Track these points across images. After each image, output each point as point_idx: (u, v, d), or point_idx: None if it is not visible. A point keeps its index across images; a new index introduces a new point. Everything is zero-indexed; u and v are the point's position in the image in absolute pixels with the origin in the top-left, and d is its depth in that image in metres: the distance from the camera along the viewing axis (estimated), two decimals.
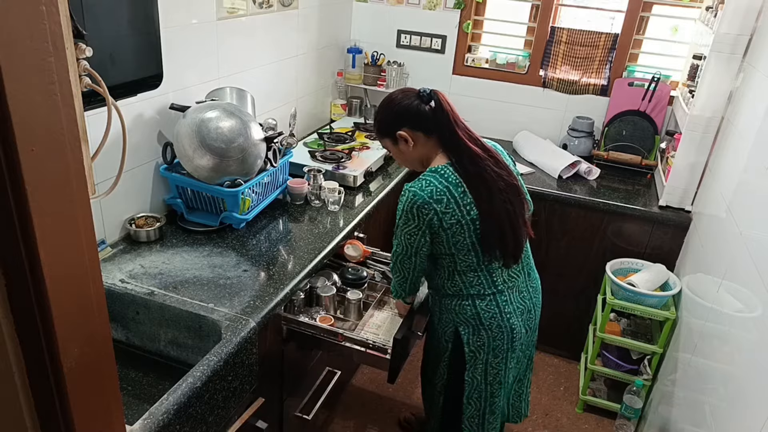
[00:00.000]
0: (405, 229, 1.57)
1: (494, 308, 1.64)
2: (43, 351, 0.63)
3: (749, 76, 2.01)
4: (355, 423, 2.38)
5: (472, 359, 1.70)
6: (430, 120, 1.59)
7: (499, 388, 1.75)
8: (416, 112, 1.59)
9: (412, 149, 1.63)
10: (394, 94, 1.65)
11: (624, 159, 2.73)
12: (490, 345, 1.67)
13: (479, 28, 3.07)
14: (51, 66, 0.56)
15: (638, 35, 2.78)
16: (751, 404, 1.33)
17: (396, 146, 1.65)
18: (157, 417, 1.14)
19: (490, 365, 1.70)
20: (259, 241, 1.87)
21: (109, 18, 1.50)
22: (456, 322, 1.68)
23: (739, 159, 1.89)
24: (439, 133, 1.60)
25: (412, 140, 1.61)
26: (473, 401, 1.76)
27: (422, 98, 1.60)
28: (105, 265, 1.63)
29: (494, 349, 1.68)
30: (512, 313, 1.66)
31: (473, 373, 1.72)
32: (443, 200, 1.52)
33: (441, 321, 1.74)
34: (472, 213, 1.54)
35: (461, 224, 1.54)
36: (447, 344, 1.74)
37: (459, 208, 1.53)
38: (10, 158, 0.54)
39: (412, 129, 1.60)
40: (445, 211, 1.52)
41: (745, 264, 1.60)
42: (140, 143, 1.81)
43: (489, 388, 1.74)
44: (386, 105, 1.65)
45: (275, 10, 2.37)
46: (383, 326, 1.81)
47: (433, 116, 1.59)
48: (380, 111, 1.67)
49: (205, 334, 1.49)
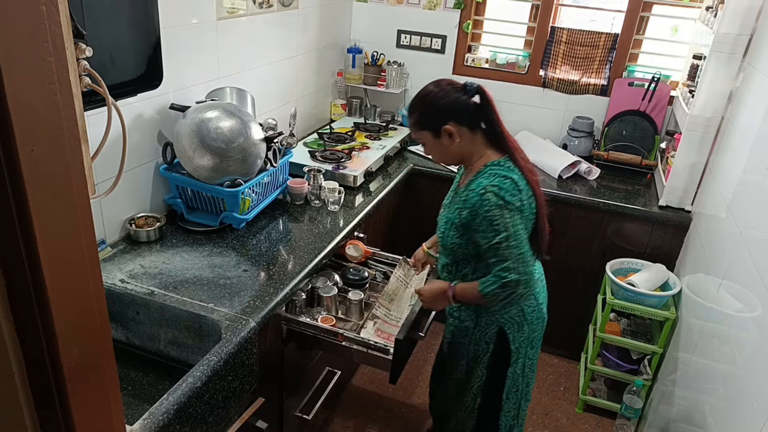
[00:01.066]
0: (506, 219, 1.51)
1: (533, 300, 1.68)
2: (43, 351, 0.63)
3: (749, 76, 2.01)
4: (355, 423, 2.38)
5: (516, 355, 1.72)
6: (475, 115, 1.57)
7: (533, 376, 1.79)
8: (464, 107, 1.56)
9: (456, 144, 1.58)
10: (438, 87, 1.58)
11: (624, 159, 2.73)
12: (529, 338, 1.71)
13: (479, 28, 3.07)
14: (51, 66, 0.56)
15: (638, 35, 2.78)
16: (751, 404, 1.33)
17: (437, 140, 1.59)
18: (157, 417, 1.14)
19: (528, 357, 1.74)
20: (259, 241, 1.87)
21: (109, 18, 1.50)
22: (500, 322, 1.68)
23: (739, 159, 1.89)
24: (485, 130, 1.59)
25: (457, 135, 1.57)
26: (512, 395, 1.78)
27: (468, 92, 1.57)
28: (105, 265, 1.63)
29: (532, 341, 1.72)
30: (543, 302, 1.72)
31: (515, 368, 1.74)
32: (522, 191, 1.53)
33: (479, 325, 1.70)
34: (533, 205, 1.57)
35: (529, 217, 1.56)
36: (488, 346, 1.72)
37: (528, 200, 1.55)
38: (10, 158, 0.54)
39: (459, 124, 1.56)
40: (523, 201, 1.53)
41: (745, 264, 1.60)
42: (140, 143, 1.81)
43: (525, 380, 1.77)
44: (430, 97, 1.57)
45: (275, 10, 2.37)
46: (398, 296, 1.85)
47: (477, 112, 1.57)
48: (422, 103, 1.59)
49: (205, 334, 1.49)
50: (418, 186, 2.72)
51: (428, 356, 2.79)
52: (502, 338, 1.69)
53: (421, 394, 2.55)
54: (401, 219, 2.76)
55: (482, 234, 1.53)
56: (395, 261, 2.06)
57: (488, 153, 1.60)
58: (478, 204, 1.52)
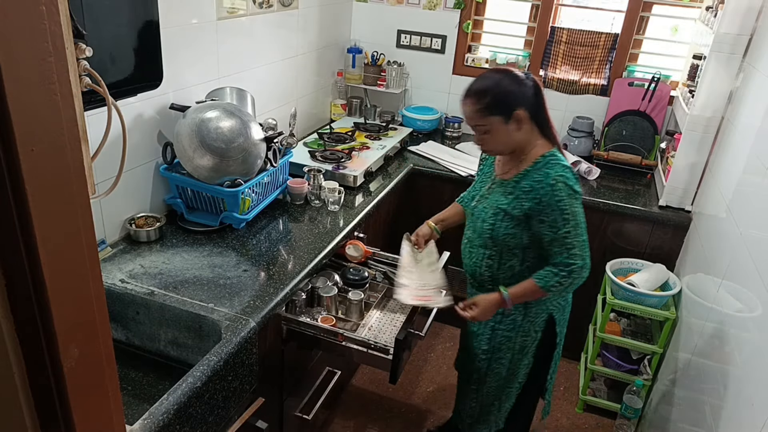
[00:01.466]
0: (575, 208, 1.55)
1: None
2: (43, 351, 0.63)
3: (749, 76, 2.01)
4: (355, 423, 2.38)
5: (560, 336, 1.79)
6: (534, 104, 1.58)
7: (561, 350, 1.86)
8: (529, 95, 1.57)
9: (519, 132, 1.58)
10: (503, 74, 1.57)
11: (624, 159, 2.73)
12: (567, 318, 1.81)
13: (479, 28, 3.07)
14: (51, 66, 0.56)
15: (638, 35, 2.78)
16: (751, 404, 1.33)
17: (504, 126, 1.56)
18: (157, 417, 1.14)
19: (563, 335, 1.81)
20: (259, 241, 1.87)
21: (109, 18, 1.50)
22: (549, 309, 1.73)
23: (739, 159, 1.89)
24: (538, 120, 1.60)
25: (525, 122, 1.57)
26: (553, 374, 1.86)
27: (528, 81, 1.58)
28: (105, 265, 1.63)
29: (567, 320, 1.81)
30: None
31: (558, 349, 1.81)
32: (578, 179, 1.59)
33: (527, 316, 1.72)
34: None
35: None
36: (536, 334, 1.75)
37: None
38: (10, 158, 0.54)
39: (527, 111, 1.56)
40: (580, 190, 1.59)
41: (745, 264, 1.60)
42: (140, 143, 1.81)
43: (559, 356, 1.86)
44: (503, 83, 1.55)
45: (275, 10, 2.37)
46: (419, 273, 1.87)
47: (535, 101, 1.58)
48: (494, 89, 1.54)
49: (205, 334, 1.49)
50: (418, 186, 2.72)
51: (428, 356, 2.79)
52: (551, 324, 1.74)
53: (421, 394, 2.55)
54: (401, 219, 2.76)
55: (549, 224, 1.55)
56: (395, 261, 2.06)
57: (540, 143, 1.61)
58: (548, 194, 1.53)
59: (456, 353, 2.11)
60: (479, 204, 1.71)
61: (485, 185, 1.74)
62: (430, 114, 3.08)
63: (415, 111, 3.09)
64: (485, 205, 1.68)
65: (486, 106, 1.55)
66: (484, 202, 1.69)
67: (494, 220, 1.64)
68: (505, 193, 1.63)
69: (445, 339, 2.92)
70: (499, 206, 1.63)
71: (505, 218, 1.62)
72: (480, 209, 1.70)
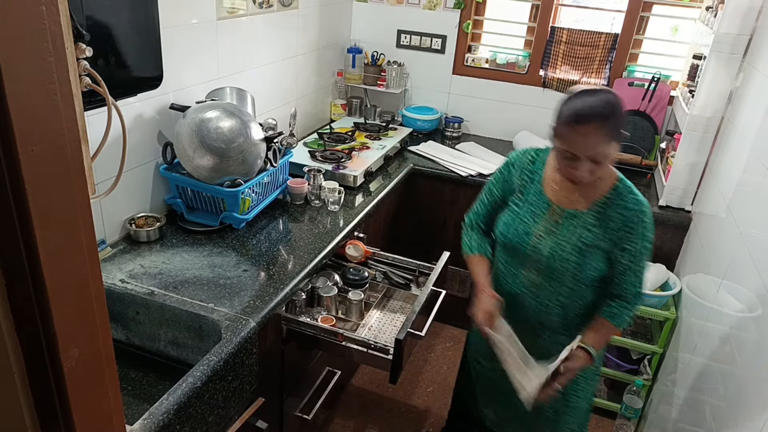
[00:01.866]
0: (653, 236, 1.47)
1: None
2: (43, 351, 0.63)
3: (749, 76, 2.01)
4: (355, 423, 2.38)
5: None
6: None
7: None
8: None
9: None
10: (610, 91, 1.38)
11: (624, 159, 2.73)
12: None
13: (479, 28, 3.07)
14: (51, 66, 0.56)
15: (638, 35, 2.78)
16: (751, 404, 1.33)
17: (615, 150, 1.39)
18: (157, 417, 1.14)
19: None
20: (259, 241, 1.87)
21: (109, 18, 1.50)
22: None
23: (739, 159, 1.89)
24: None
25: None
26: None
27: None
28: (105, 265, 1.63)
29: None
30: None
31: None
32: None
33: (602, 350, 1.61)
34: None
35: None
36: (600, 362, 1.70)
37: None
38: (10, 158, 0.54)
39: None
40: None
41: (745, 264, 1.60)
42: (140, 143, 1.81)
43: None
44: (615, 97, 1.36)
45: (275, 10, 2.37)
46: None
47: None
48: (617, 104, 1.34)
49: (205, 334, 1.49)
50: (418, 186, 2.72)
51: (428, 356, 2.79)
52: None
53: (421, 394, 2.56)
54: (401, 219, 2.76)
55: (632, 253, 1.45)
56: (395, 261, 2.06)
57: (611, 168, 1.49)
58: (639, 223, 1.43)
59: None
60: (543, 241, 1.50)
61: (539, 217, 1.52)
62: (430, 114, 3.08)
63: (415, 111, 3.09)
64: (558, 242, 1.49)
65: (611, 130, 1.33)
66: (553, 238, 1.49)
67: (579, 258, 1.47)
68: (587, 226, 1.47)
69: (445, 339, 2.92)
70: (584, 242, 1.47)
71: (594, 254, 1.46)
72: (549, 246, 1.50)
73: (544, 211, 1.52)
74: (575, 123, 1.34)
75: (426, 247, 2.76)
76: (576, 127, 1.34)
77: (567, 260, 1.48)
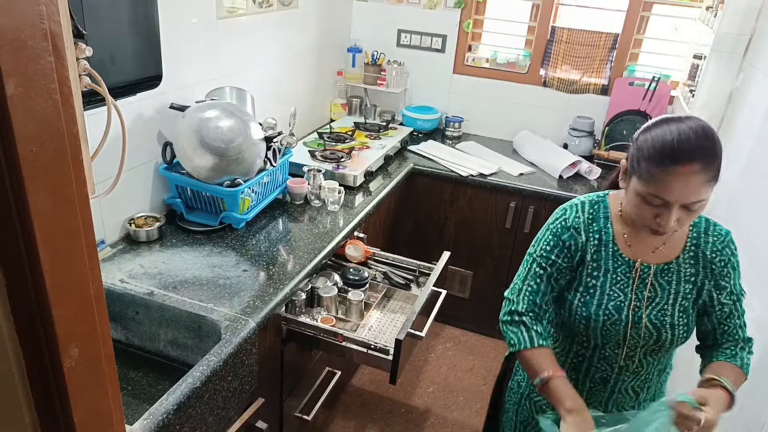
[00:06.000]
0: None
1: None
2: (43, 351, 0.63)
3: (749, 75, 2.01)
4: (355, 423, 2.38)
5: None
6: None
7: None
8: None
9: None
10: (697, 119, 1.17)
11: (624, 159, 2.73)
12: None
13: (480, 28, 3.06)
14: (51, 66, 0.56)
15: (639, 35, 2.78)
16: (752, 404, 1.33)
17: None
18: (157, 417, 1.14)
19: None
20: (259, 241, 1.86)
21: (109, 18, 1.50)
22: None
23: (739, 159, 1.89)
24: None
25: None
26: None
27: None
28: (105, 265, 1.63)
29: None
30: None
31: None
32: None
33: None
34: None
35: None
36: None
37: None
38: (10, 158, 0.54)
39: None
40: None
41: (745, 264, 1.60)
42: (140, 143, 1.81)
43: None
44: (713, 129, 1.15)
45: (275, 10, 2.37)
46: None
47: None
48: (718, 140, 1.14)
49: (205, 334, 1.49)
50: (418, 186, 2.72)
51: (428, 356, 2.79)
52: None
53: (421, 395, 2.55)
54: (401, 219, 2.76)
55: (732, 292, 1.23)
56: (395, 261, 2.06)
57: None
58: (733, 256, 1.23)
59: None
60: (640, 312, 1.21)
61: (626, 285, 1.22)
62: (430, 113, 3.08)
63: (416, 110, 3.09)
64: (660, 308, 1.22)
65: (716, 173, 1.11)
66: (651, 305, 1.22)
67: (687, 319, 1.22)
68: (684, 277, 1.22)
69: (445, 339, 2.92)
70: (688, 297, 1.22)
71: (693, 308, 1.23)
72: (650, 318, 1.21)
73: (629, 275, 1.22)
74: (672, 162, 1.07)
75: (426, 247, 2.77)
76: (673, 168, 1.06)
77: (675, 326, 1.21)
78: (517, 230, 2.63)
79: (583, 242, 1.24)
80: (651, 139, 1.13)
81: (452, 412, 2.47)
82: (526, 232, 2.59)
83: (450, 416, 2.45)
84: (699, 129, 1.10)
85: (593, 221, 1.25)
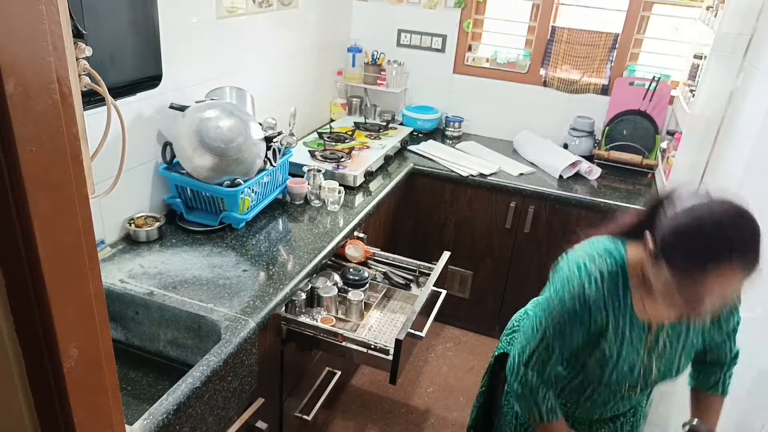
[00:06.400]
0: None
1: None
2: (43, 351, 0.63)
3: (750, 75, 2.01)
4: (355, 423, 2.38)
5: None
6: None
7: None
8: None
9: None
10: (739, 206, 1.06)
11: (625, 159, 2.73)
12: None
13: (480, 28, 3.06)
14: (51, 66, 0.56)
15: (639, 35, 2.78)
16: (751, 404, 1.33)
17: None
18: (157, 417, 1.14)
19: None
20: (259, 241, 1.86)
21: (109, 18, 1.50)
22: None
23: (739, 159, 1.89)
24: None
25: None
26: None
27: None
28: (104, 265, 1.63)
29: None
30: None
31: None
32: None
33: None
34: None
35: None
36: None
37: None
38: (10, 158, 0.54)
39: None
40: None
41: None
42: (140, 143, 1.81)
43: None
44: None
45: (275, 10, 2.37)
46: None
47: None
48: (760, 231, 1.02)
49: (205, 334, 1.49)
50: (418, 186, 2.72)
51: (428, 356, 2.79)
52: None
53: (421, 395, 2.55)
54: (401, 219, 2.76)
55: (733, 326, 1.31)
56: (395, 261, 2.06)
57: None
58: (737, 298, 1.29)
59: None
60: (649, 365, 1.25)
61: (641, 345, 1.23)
62: (430, 113, 3.08)
63: (416, 110, 3.09)
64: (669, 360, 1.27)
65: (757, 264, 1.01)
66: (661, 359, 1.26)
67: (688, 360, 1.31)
68: (693, 330, 1.26)
69: (445, 339, 2.92)
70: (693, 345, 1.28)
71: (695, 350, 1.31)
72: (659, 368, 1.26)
73: (643, 335, 1.22)
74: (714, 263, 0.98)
75: (426, 247, 2.77)
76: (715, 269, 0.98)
77: (679, 371, 1.28)
78: (518, 230, 2.63)
79: (603, 319, 1.19)
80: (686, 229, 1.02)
81: (452, 413, 2.47)
82: (526, 232, 2.59)
83: (450, 416, 2.45)
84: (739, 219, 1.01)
85: (613, 293, 1.18)
